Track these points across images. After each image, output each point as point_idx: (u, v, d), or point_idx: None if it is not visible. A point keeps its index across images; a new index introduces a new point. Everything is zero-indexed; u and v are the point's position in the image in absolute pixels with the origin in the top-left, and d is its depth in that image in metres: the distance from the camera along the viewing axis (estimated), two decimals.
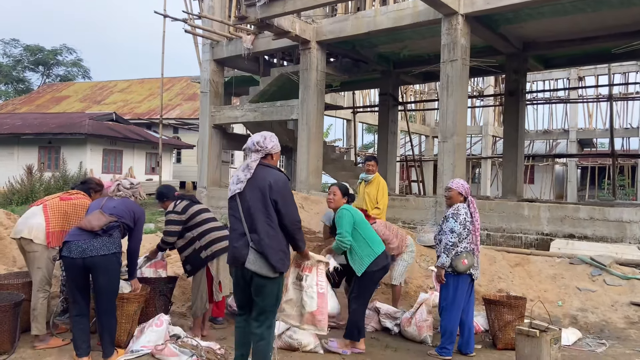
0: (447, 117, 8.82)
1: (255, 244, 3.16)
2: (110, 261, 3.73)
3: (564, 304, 5.86)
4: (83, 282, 3.76)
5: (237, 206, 3.28)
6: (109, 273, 3.74)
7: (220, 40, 12.51)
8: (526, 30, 10.24)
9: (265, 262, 3.15)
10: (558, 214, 7.83)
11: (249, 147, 3.33)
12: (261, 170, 3.28)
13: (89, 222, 3.74)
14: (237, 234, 3.26)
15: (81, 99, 33.00)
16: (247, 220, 3.22)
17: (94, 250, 3.66)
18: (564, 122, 24.93)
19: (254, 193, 3.22)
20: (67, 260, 3.70)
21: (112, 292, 3.81)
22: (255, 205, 3.20)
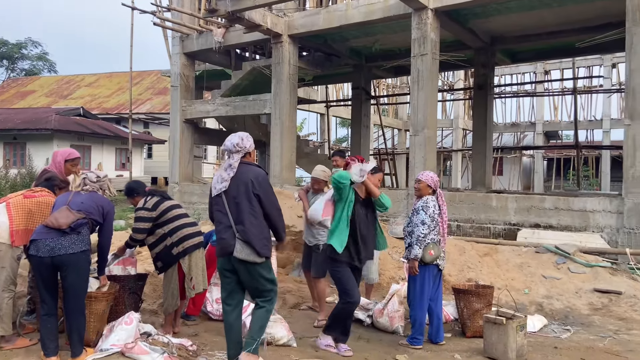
0: (418, 110, 8.93)
1: (241, 234, 3.50)
2: (79, 259, 3.66)
3: (530, 292, 6.04)
4: (51, 281, 3.68)
5: (223, 202, 3.58)
6: (78, 271, 3.67)
7: (190, 33, 12.33)
8: (494, 25, 10.44)
9: (251, 249, 3.49)
10: (525, 204, 8.04)
11: (229, 148, 3.61)
12: (243, 168, 3.60)
13: (55, 220, 3.65)
14: (223, 227, 3.57)
15: (47, 94, 32.07)
16: (232, 214, 3.54)
17: (62, 249, 3.58)
18: (531, 115, 25.53)
19: (239, 189, 3.56)
20: (35, 259, 3.61)
21: (81, 290, 3.74)
22: (241, 199, 3.54)
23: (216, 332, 4.71)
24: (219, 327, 4.87)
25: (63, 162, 4.65)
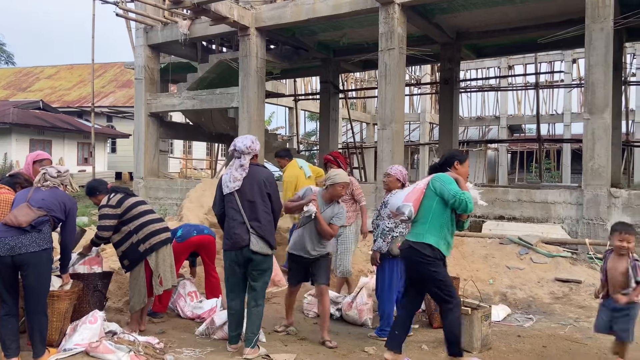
0: (385, 105, 8.99)
1: (256, 229, 3.89)
2: (40, 258, 3.55)
3: (494, 282, 6.20)
4: (11, 280, 3.55)
5: (236, 200, 3.91)
6: (40, 271, 3.56)
7: (154, 24, 12.04)
8: (459, 20, 10.59)
9: (265, 243, 3.92)
10: (489, 196, 8.21)
11: (242, 150, 3.93)
12: (254, 169, 3.97)
13: (15, 218, 3.51)
14: (237, 222, 3.89)
15: (4, 86, 30.79)
16: (246, 211, 3.89)
17: (22, 248, 3.46)
18: (495, 109, 26.13)
19: (252, 188, 3.91)
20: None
21: (43, 290, 3.63)
22: (255, 198, 3.91)
23: (183, 329, 4.65)
24: (186, 324, 4.83)
25: (32, 163, 4.45)
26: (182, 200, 8.99)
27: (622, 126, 12.08)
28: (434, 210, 3.69)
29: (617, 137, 10.63)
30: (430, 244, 3.64)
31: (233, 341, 4.06)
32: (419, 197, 3.76)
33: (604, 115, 7.30)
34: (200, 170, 26.64)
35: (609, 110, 7.33)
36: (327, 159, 5.75)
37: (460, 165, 3.90)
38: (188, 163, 26.77)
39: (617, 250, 3.69)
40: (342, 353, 4.13)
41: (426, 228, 3.69)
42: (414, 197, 3.77)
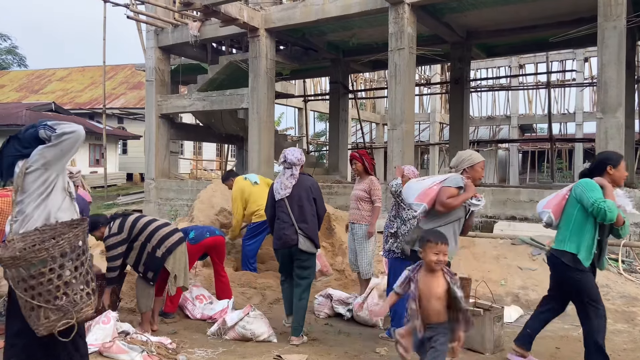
0: (395, 105, 8.97)
1: (304, 230, 4.39)
2: None
3: (506, 283, 6.15)
4: None
5: (286, 205, 4.42)
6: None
7: (165, 26, 12.12)
8: (469, 19, 10.54)
9: (312, 243, 4.44)
10: (501, 197, 8.17)
11: (293, 161, 4.47)
12: (301, 177, 4.53)
13: None
14: (287, 225, 4.40)
15: (17, 89, 31.18)
16: (295, 215, 4.39)
17: None
18: (506, 109, 25.95)
19: (301, 194, 4.43)
20: None
21: None
22: (304, 202, 4.42)
23: (195, 330, 4.67)
24: (198, 325, 4.85)
25: None
26: (193, 201, 9.04)
27: (635, 125, 11.95)
28: (575, 218, 3.62)
29: (630, 136, 10.51)
30: (570, 251, 3.61)
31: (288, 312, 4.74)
32: (560, 203, 3.71)
33: (616, 114, 7.22)
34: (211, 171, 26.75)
35: (622, 109, 7.24)
36: (353, 155, 5.75)
37: (614, 170, 3.65)
38: (198, 164, 26.90)
39: (430, 266, 2.90)
40: (354, 354, 4.13)
41: (567, 235, 3.64)
42: (554, 203, 3.73)
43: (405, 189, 3.95)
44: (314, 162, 14.41)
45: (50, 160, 2.61)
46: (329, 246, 7.26)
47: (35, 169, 2.59)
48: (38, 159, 2.60)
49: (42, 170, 2.60)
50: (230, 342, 4.29)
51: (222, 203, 7.80)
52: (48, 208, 2.62)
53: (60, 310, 2.41)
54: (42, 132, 2.63)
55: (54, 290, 2.40)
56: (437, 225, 3.62)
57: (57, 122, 2.67)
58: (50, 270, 2.38)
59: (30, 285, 2.38)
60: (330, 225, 7.49)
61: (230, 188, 6.78)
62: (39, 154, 2.60)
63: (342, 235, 7.30)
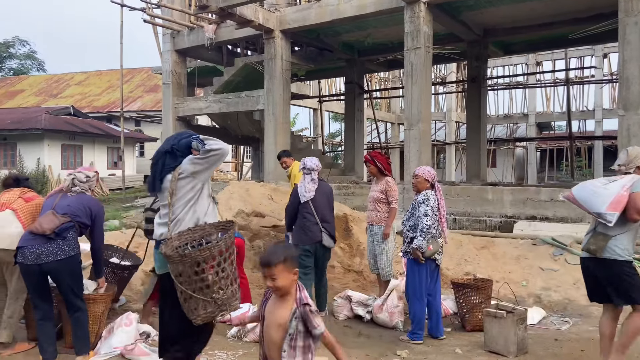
0: (412, 104, 8.91)
1: (327, 229, 5.02)
2: (67, 265, 3.56)
3: (528, 284, 6.05)
4: (41, 286, 3.59)
5: (310, 206, 4.97)
6: (69, 276, 3.60)
7: (181, 30, 12.22)
8: (486, 17, 10.43)
9: (332, 240, 5.10)
10: (520, 196, 8.06)
11: (312, 167, 5.06)
12: (321, 183, 5.13)
13: (40, 225, 3.52)
14: (312, 223, 4.97)
15: (36, 93, 31.74)
16: (319, 215, 4.97)
17: (49, 256, 3.47)
18: (523, 107, 25.61)
19: (322, 197, 5.05)
20: (22, 267, 3.51)
21: (78, 291, 3.67)
22: (325, 205, 5.06)
23: (215, 332, 4.66)
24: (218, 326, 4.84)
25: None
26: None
27: None
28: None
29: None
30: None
31: None
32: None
33: (639, 111, 7.07)
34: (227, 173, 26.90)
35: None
36: (366, 158, 5.73)
37: None
38: None
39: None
40: (374, 356, 4.09)
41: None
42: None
43: (587, 196, 3.62)
44: (329, 163, 14.38)
45: (198, 171, 2.95)
46: (346, 247, 7.23)
47: (185, 176, 2.93)
48: (188, 168, 2.94)
49: (190, 178, 2.93)
50: (250, 344, 4.28)
51: (240, 205, 7.82)
52: (197, 213, 2.96)
53: (216, 304, 2.75)
54: (194, 144, 2.96)
55: (212, 285, 2.72)
56: (622, 231, 3.49)
57: (207, 137, 2.99)
58: (211, 267, 2.71)
59: (193, 280, 2.70)
60: (348, 226, 7.46)
61: (284, 165, 7.14)
62: (190, 163, 2.94)
63: (360, 236, 7.26)
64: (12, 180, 4.18)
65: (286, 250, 2.29)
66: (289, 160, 7.15)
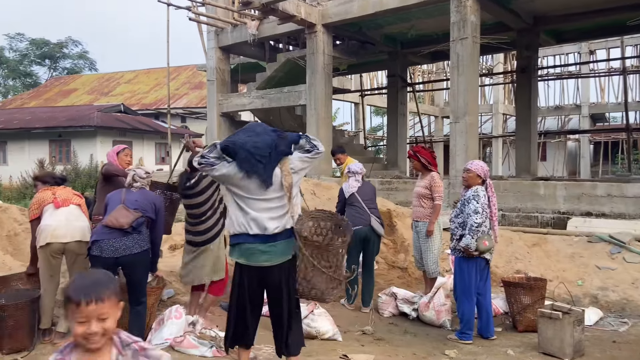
0: (458, 96, 8.66)
1: (374, 214, 5.35)
2: (142, 258, 3.75)
3: (583, 283, 5.78)
4: None
5: (357, 197, 5.33)
6: (142, 269, 3.81)
7: (224, 27, 12.37)
8: (537, 5, 9.99)
9: (381, 225, 5.38)
10: (575, 191, 7.70)
11: (357, 171, 5.49)
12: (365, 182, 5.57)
13: (116, 220, 3.65)
14: (360, 209, 5.28)
15: (89, 91, 33.06)
16: (366, 203, 5.32)
17: (127, 249, 3.63)
18: (575, 97, 24.50)
19: (367, 191, 5.45)
20: (99, 260, 3.63)
21: (144, 284, 3.88)
22: (371, 196, 5.46)
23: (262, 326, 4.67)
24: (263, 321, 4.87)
25: (115, 155, 4.67)
26: None
27: None
28: None
29: None
30: None
31: (351, 301, 5.29)
32: None
33: None
34: None
35: None
36: (409, 154, 5.63)
37: None
38: None
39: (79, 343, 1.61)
40: (422, 355, 4.00)
41: None
42: None
43: None
44: (371, 158, 14.23)
45: (304, 168, 3.12)
46: (390, 243, 7.13)
47: (295, 171, 3.05)
48: (298, 164, 3.06)
49: (298, 174, 3.08)
50: None
51: None
52: (299, 205, 3.12)
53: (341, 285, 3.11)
54: (302, 141, 3.07)
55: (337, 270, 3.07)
56: None
57: (313, 137, 3.14)
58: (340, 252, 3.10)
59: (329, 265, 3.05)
60: (392, 221, 7.35)
61: (338, 162, 7.14)
62: (300, 160, 3.07)
63: (404, 232, 7.14)
64: (60, 180, 4.33)
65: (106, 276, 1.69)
66: (343, 157, 7.09)
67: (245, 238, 2.98)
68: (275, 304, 3.09)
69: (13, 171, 19.20)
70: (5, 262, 4.95)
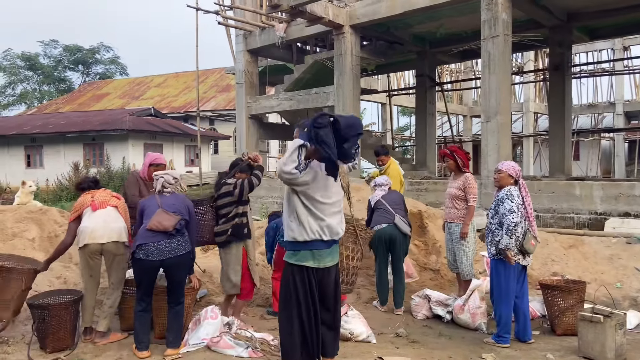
0: (489, 95, 8.54)
1: (399, 214, 5.29)
2: (186, 259, 3.89)
3: (623, 286, 5.61)
4: (153, 281, 3.88)
5: (383, 202, 5.36)
6: (185, 270, 3.95)
7: (253, 30, 12.50)
8: (570, 1, 9.78)
9: (407, 225, 5.31)
10: (612, 192, 7.49)
11: (382, 183, 5.58)
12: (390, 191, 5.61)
13: (160, 224, 3.76)
14: (386, 211, 5.28)
15: (120, 96, 33.85)
16: (392, 206, 5.31)
17: (172, 252, 3.75)
18: (609, 95, 23.80)
19: (393, 198, 5.47)
20: (144, 263, 3.75)
21: (184, 285, 3.99)
22: (398, 201, 5.44)
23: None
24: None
25: (148, 165, 4.77)
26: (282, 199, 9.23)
27: None
28: None
29: None
30: None
31: (384, 303, 5.32)
32: None
33: None
34: None
35: None
36: (444, 152, 5.55)
37: None
38: None
39: None
40: (458, 359, 3.95)
41: None
42: None
43: None
44: (399, 158, 14.15)
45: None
46: (422, 244, 7.06)
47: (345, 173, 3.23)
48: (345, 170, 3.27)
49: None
50: None
51: None
52: None
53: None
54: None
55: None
56: None
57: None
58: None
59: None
60: (423, 223, 7.28)
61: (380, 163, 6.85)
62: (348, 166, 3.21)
63: (435, 233, 7.07)
64: (92, 183, 4.42)
65: None
66: (386, 158, 6.75)
67: (318, 244, 3.03)
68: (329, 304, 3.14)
69: (50, 174, 19.82)
70: None
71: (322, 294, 3.13)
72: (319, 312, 3.10)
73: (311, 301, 3.06)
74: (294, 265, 3.06)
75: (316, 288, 3.08)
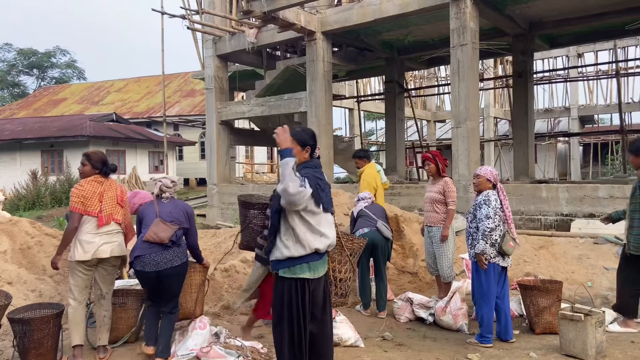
0: (459, 102, 8.78)
1: (382, 220, 5.45)
2: (182, 269, 3.84)
3: (593, 285, 5.87)
4: (156, 288, 3.83)
5: (367, 212, 5.53)
6: (181, 280, 3.89)
7: (222, 35, 12.39)
8: (532, 10, 10.18)
9: (389, 230, 5.44)
10: (577, 194, 7.83)
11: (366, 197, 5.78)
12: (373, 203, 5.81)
13: (156, 235, 3.71)
14: (369, 219, 5.44)
15: (78, 101, 32.78)
16: (376, 216, 5.46)
17: (168, 263, 3.71)
18: (564, 100, 24.87)
19: (376, 208, 5.66)
20: (142, 274, 3.74)
21: (178, 295, 3.95)
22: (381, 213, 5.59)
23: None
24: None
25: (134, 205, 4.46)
26: None
27: None
28: None
29: None
30: None
31: (367, 307, 5.42)
32: None
33: None
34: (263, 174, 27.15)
35: None
36: (426, 157, 5.66)
37: None
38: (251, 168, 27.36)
39: None
40: None
41: None
42: None
43: None
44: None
45: None
46: (399, 248, 7.17)
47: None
48: None
49: None
50: None
51: None
52: None
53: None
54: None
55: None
56: None
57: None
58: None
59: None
60: (399, 227, 7.39)
61: (357, 166, 6.90)
62: None
63: (412, 236, 7.20)
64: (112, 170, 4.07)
65: None
66: (360, 162, 6.83)
67: (314, 257, 3.01)
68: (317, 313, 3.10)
69: (6, 183, 18.99)
70: (21, 276, 4.91)
71: (314, 304, 3.13)
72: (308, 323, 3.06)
73: (303, 314, 3.02)
74: (291, 279, 3.00)
75: (309, 299, 3.08)
